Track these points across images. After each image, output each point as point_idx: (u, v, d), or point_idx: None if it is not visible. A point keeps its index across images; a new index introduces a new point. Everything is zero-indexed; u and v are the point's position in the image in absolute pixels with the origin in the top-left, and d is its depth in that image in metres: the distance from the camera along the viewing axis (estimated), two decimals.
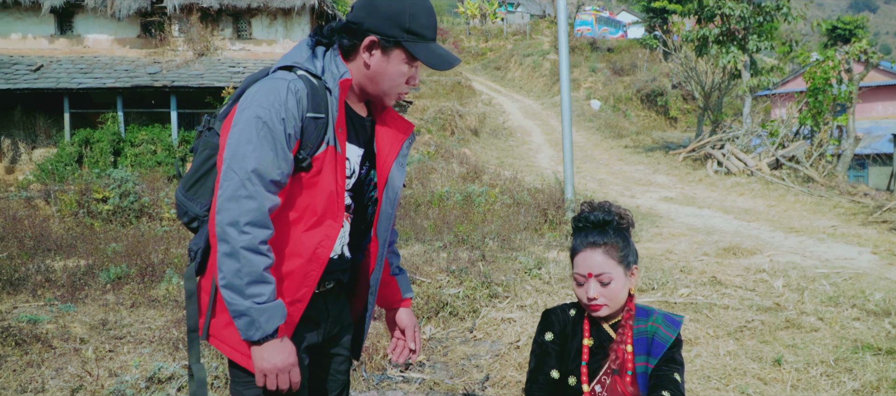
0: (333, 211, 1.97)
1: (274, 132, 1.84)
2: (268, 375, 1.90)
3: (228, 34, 16.83)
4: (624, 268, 2.31)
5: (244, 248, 1.80)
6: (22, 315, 5.55)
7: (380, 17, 1.95)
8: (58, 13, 16.05)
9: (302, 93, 1.89)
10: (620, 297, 2.31)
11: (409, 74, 2.03)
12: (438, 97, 30.04)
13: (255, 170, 1.81)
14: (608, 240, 2.29)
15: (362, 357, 4.94)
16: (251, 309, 1.82)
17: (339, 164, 1.96)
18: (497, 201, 11.06)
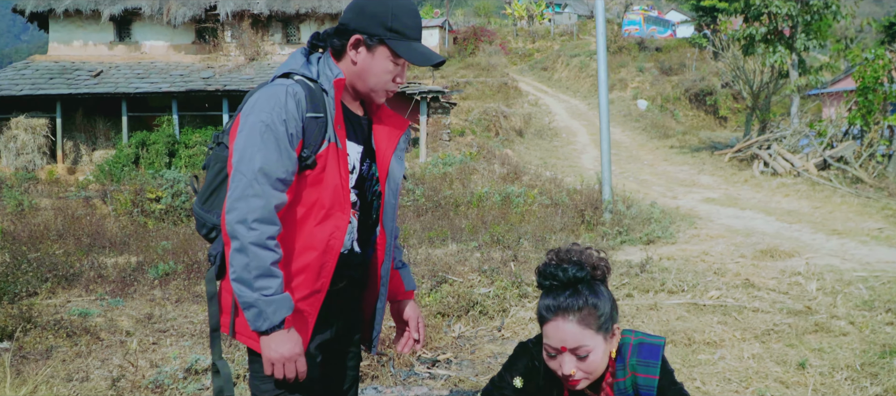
0: (341, 204, 2.10)
1: (277, 133, 1.97)
2: (275, 364, 2.02)
3: (278, 39, 17.26)
4: (603, 335, 2.02)
5: (252, 244, 1.93)
6: (74, 308, 5.89)
7: (365, 17, 2.11)
8: (117, 21, 16.72)
9: (300, 95, 2.03)
10: (601, 367, 2.03)
11: (395, 72, 2.16)
12: (484, 98, 30.16)
13: (261, 170, 1.95)
14: (583, 305, 1.99)
15: (391, 353, 5.12)
16: (259, 301, 1.94)
17: (341, 159, 2.09)
18: (535, 202, 11.14)
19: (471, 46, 43.25)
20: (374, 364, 4.93)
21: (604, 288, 2.05)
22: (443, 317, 5.90)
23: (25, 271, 6.71)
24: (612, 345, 2.06)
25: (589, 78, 39.22)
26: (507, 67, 39.80)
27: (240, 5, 16.63)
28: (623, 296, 6.14)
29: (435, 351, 5.31)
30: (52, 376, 4.47)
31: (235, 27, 16.90)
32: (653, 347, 2.07)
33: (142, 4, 16.39)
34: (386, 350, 5.14)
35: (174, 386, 4.30)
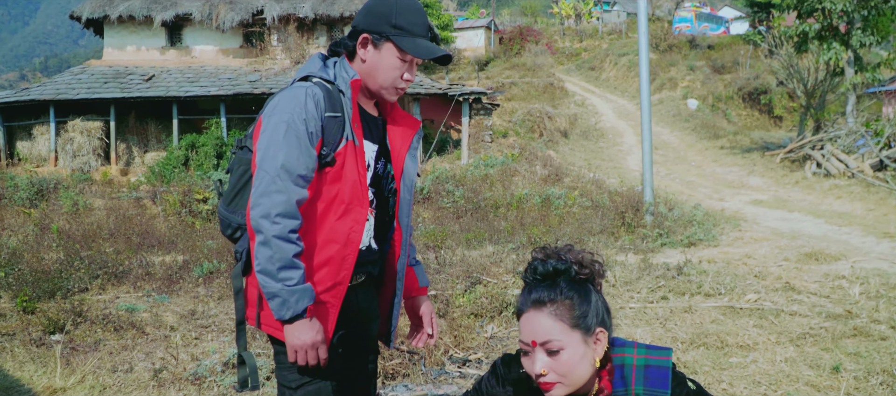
0: (360, 199, 2.19)
1: (298, 132, 2.08)
2: (298, 351, 2.11)
3: (322, 42, 17.52)
4: (581, 334, 1.84)
5: (276, 237, 2.02)
6: (122, 304, 6.12)
7: (371, 16, 2.22)
8: (168, 26, 17.19)
9: (319, 96, 2.13)
10: (578, 372, 1.84)
11: (403, 69, 2.24)
12: (530, 99, 30.05)
13: (283, 167, 2.05)
14: (557, 297, 1.85)
15: (422, 352, 5.19)
16: (282, 291, 2.04)
17: (358, 156, 2.19)
18: (575, 204, 11.10)
19: (517, 46, 43.15)
20: (406, 363, 5.01)
21: (591, 288, 1.90)
22: (476, 318, 5.95)
23: (78, 268, 6.99)
24: (596, 352, 1.87)
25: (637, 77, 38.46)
26: (553, 67, 39.55)
27: (286, 9, 16.93)
28: (658, 299, 6.10)
29: (466, 351, 5.36)
30: (98, 367, 4.66)
31: (281, 31, 17.21)
32: (660, 372, 1.85)
33: (192, 10, 16.82)
34: (418, 349, 5.22)
35: (212, 379, 4.45)
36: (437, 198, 11.89)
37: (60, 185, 13.02)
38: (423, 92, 15.46)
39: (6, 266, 6.77)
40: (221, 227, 2.32)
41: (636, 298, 6.12)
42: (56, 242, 8.32)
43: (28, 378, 4.41)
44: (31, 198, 12.15)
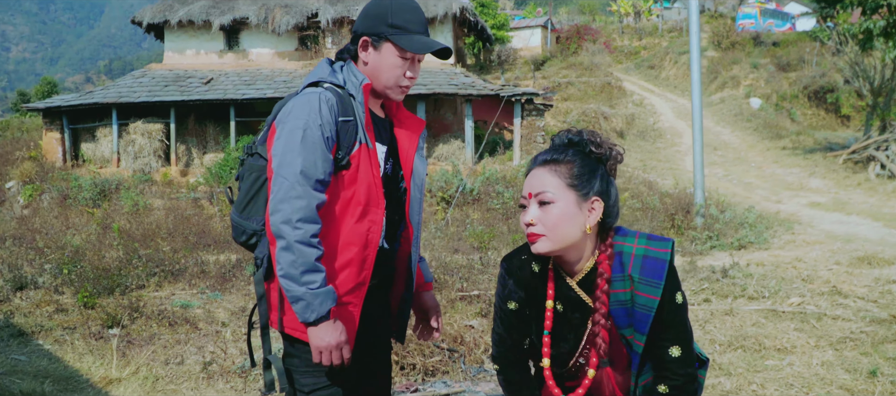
0: (376, 199, 2.24)
1: (314, 138, 2.12)
2: (323, 352, 2.15)
3: None
4: (576, 195, 1.90)
5: (298, 242, 2.06)
6: (177, 300, 6.40)
7: (368, 18, 2.28)
8: (226, 30, 17.69)
9: (332, 101, 2.18)
10: (563, 230, 1.89)
11: (404, 67, 2.29)
12: (586, 98, 29.79)
13: (302, 172, 2.09)
14: (561, 159, 1.93)
15: (462, 350, 5.29)
16: (306, 294, 2.07)
17: (372, 158, 2.23)
18: (624, 205, 11.03)
19: (574, 45, 42.77)
20: (446, 360, 5.10)
21: (602, 168, 1.95)
22: None
23: (136, 266, 7.32)
24: (588, 219, 1.91)
25: None
26: (611, 66, 39.11)
27: (340, 12, 17.24)
28: (700, 301, 6.07)
29: None
30: (152, 359, 4.92)
31: (335, 33, 17.53)
32: (657, 263, 1.88)
33: (249, 14, 17.28)
34: (458, 347, 5.32)
35: (258, 371, 4.64)
36: (486, 198, 11.96)
37: (122, 186, 13.55)
38: (475, 93, 15.54)
39: (69, 263, 7.13)
40: (234, 234, 2.37)
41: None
42: (117, 241, 8.71)
43: (86, 369, 4.68)
44: (94, 199, 12.69)
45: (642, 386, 1.99)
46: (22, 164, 15.68)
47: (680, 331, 1.92)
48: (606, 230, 1.99)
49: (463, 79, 16.48)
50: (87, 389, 4.31)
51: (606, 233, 1.98)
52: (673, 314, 1.90)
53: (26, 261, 7.83)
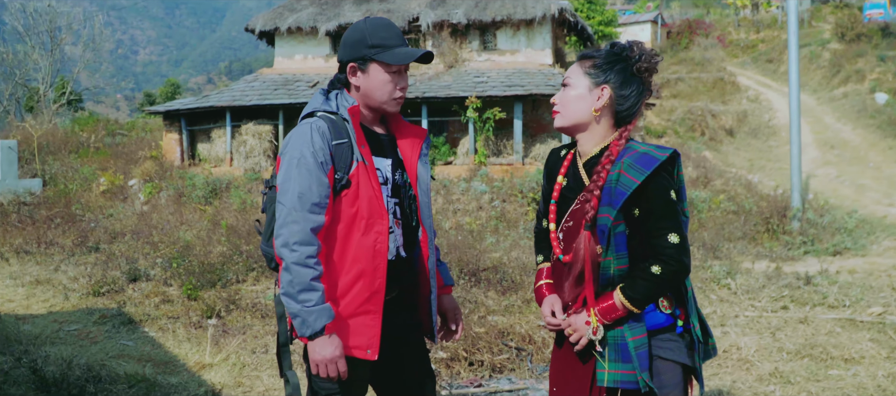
0: (379, 212, 2.39)
1: (308, 164, 2.30)
2: (319, 365, 2.32)
3: (475, 46, 18.06)
4: (589, 81, 2.26)
5: (294, 263, 2.25)
6: (270, 294, 6.89)
7: (349, 46, 2.48)
8: (332, 36, 18.44)
9: (324, 127, 2.37)
10: (572, 108, 2.27)
11: (395, 80, 2.46)
12: (696, 95, 28.93)
13: (299, 197, 2.28)
14: (591, 56, 2.29)
15: (530, 349, 5.47)
16: (302, 312, 2.26)
17: (370, 174, 2.40)
18: (718, 208, 10.80)
19: (685, 40, 41.53)
20: (513, 358, 5.29)
21: (622, 64, 2.25)
22: None
23: (236, 262, 7.89)
24: (595, 102, 2.24)
25: (819, 70, 36.00)
26: (724, 61, 37.70)
27: (440, 16, 17.62)
28: (778, 308, 5.97)
29: None
30: (241, 347, 5.37)
31: (436, 36, 17.92)
32: (651, 158, 2.16)
33: (353, 20, 17.89)
34: (527, 346, 5.50)
35: None
36: None
37: (232, 185, 14.42)
38: None
39: (178, 258, 7.80)
40: (266, 263, 2.55)
41: (755, 307, 6.03)
42: (223, 237, 9.37)
43: (183, 355, 5.19)
44: (206, 196, 13.59)
45: (617, 270, 2.20)
46: (143, 163, 16.96)
47: (676, 221, 2.17)
48: (623, 124, 2.30)
49: (559, 80, 16.51)
50: (183, 373, 4.80)
51: (623, 129, 2.29)
52: (667, 205, 2.16)
53: (142, 255, 8.59)
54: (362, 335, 2.41)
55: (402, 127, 2.66)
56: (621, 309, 2.17)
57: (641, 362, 2.17)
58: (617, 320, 2.19)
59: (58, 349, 5.19)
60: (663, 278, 2.14)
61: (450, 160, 16.54)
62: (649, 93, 2.34)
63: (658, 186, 2.14)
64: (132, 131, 25.14)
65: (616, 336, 2.20)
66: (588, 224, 2.18)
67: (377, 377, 2.65)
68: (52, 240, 10.11)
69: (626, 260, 2.20)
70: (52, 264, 8.81)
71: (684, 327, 2.28)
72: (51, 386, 4.09)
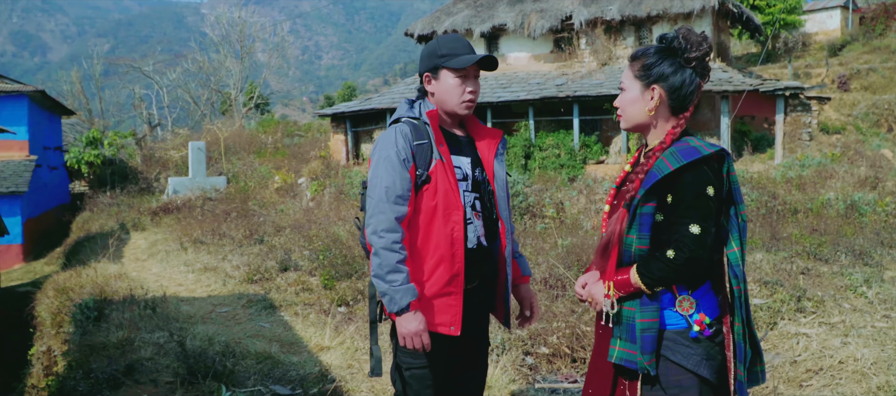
0: (455, 203, 2.67)
1: (392, 162, 2.63)
2: (406, 338, 2.61)
3: (630, 43, 17.74)
4: (641, 84, 2.33)
5: (382, 248, 2.58)
6: None
7: (424, 60, 2.81)
8: (486, 37, 18.87)
9: (406, 130, 2.69)
10: (629, 110, 2.37)
11: (464, 85, 2.75)
12: (890, 87, 26.37)
13: (386, 190, 2.60)
14: (640, 56, 2.36)
15: None
16: (389, 290, 2.57)
17: (448, 170, 2.69)
18: (883, 211, 9.96)
19: (880, 27, 37.92)
20: None
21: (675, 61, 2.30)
22: None
23: None
24: (648, 103, 2.33)
25: None
26: None
27: (593, 13, 17.48)
28: None
29: None
30: (357, 333, 5.81)
31: (589, 34, 17.79)
32: (693, 150, 2.22)
33: (506, 21, 18.24)
34: None
35: None
36: None
37: None
38: (732, 89, 14.88)
39: (324, 250, 8.44)
40: (365, 253, 2.87)
41: (891, 318, 5.62)
42: None
43: (308, 337, 5.70)
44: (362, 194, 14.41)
45: (638, 249, 2.29)
46: (312, 163, 18.25)
47: (703, 214, 2.19)
48: (681, 113, 2.35)
49: (720, 75, 15.83)
50: (304, 353, 5.29)
51: (679, 118, 2.35)
52: (697, 198, 2.19)
53: (297, 247, 9.36)
54: (446, 313, 2.69)
55: (480, 129, 2.94)
56: (634, 285, 2.25)
57: (644, 345, 2.24)
58: (631, 297, 2.29)
59: (206, 327, 5.88)
60: (675, 263, 2.18)
61: (601, 159, 16.40)
62: (707, 77, 2.38)
63: (694, 178, 2.19)
64: (308, 132, 27.02)
65: (628, 316, 2.30)
66: (626, 203, 2.29)
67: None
68: (224, 233, 11.22)
69: (647, 241, 2.27)
70: (221, 254, 9.81)
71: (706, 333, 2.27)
72: (190, 359, 4.70)
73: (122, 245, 12.37)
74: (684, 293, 2.30)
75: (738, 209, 2.34)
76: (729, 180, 2.31)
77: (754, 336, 2.41)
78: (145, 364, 4.85)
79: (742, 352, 2.34)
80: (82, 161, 21.13)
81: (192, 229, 11.66)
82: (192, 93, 40.18)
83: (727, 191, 2.31)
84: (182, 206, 15.29)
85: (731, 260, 2.33)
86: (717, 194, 2.24)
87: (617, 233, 2.33)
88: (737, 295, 2.33)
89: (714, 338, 2.32)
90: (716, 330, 2.32)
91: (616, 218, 2.34)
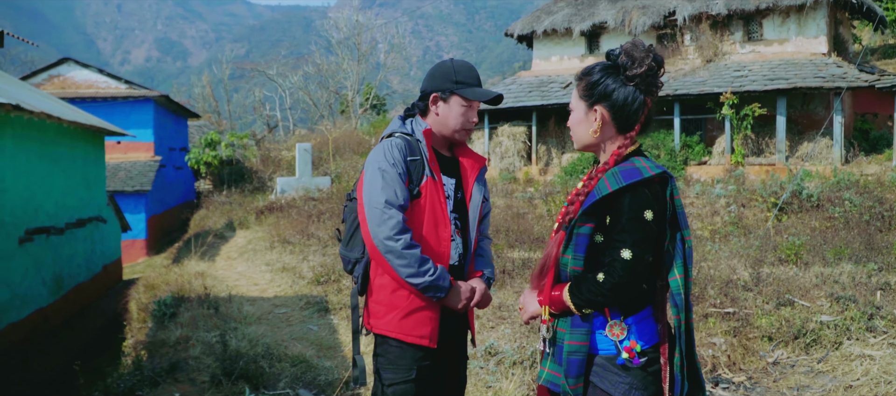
0: (443, 220, 2.75)
1: (390, 173, 2.67)
2: (460, 305, 2.73)
3: (738, 38, 16.88)
4: (585, 105, 2.29)
5: (404, 248, 2.59)
6: None
7: (436, 79, 2.84)
8: (586, 36, 18.51)
9: (401, 144, 2.75)
10: (578, 131, 2.32)
11: (469, 113, 2.83)
12: None
13: (386, 200, 2.63)
14: (584, 76, 2.31)
15: None
16: (431, 283, 2.62)
17: (438, 187, 2.76)
18: None
19: None
20: None
21: (613, 76, 2.24)
22: (769, 341, 5.68)
23: None
24: (592, 124, 2.27)
25: None
26: None
27: (698, 8, 16.74)
28: None
29: (736, 373, 5.26)
30: None
31: (694, 30, 17.07)
32: (635, 172, 2.15)
33: (607, 18, 17.80)
34: None
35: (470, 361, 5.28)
36: (827, 206, 10.77)
37: None
38: (845, 85, 13.87)
39: None
40: (343, 265, 2.91)
41: None
42: None
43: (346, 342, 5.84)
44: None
45: (573, 270, 2.23)
46: None
47: (637, 239, 2.12)
48: (627, 131, 2.27)
49: (834, 71, 14.80)
50: (338, 357, 5.43)
51: (625, 137, 2.28)
52: (632, 221, 2.12)
53: None
54: (425, 326, 2.73)
55: (466, 152, 2.98)
56: (566, 304, 2.20)
57: (570, 368, 2.19)
58: (563, 316, 2.24)
59: (256, 328, 6.15)
60: (603, 287, 2.13)
61: (704, 160, 15.71)
62: (654, 93, 2.28)
63: (632, 200, 2.13)
64: None
65: (559, 337, 2.25)
66: (565, 225, 2.26)
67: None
68: (312, 233, 11.63)
69: (582, 263, 2.22)
70: (303, 254, 10.19)
71: (635, 362, 2.18)
72: (227, 360, 4.94)
73: (222, 243, 13.09)
74: (617, 318, 2.22)
75: (683, 234, 2.23)
76: (672, 204, 2.21)
77: (696, 370, 2.30)
78: (190, 363, 5.14)
79: (679, 386, 2.24)
80: (201, 161, 22.46)
81: (284, 229, 12.14)
82: (311, 95, 41.73)
83: (672, 216, 2.21)
84: (285, 206, 15.93)
85: (673, 289, 2.23)
86: (657, 218, 2.15)
87: (553, 257, 2.28)
88: (676, 324, 2.22)
89: (647, 368, 2.22)
90: (650, 358, 2.23)
91: (554, 240, 2.30)
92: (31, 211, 8.89)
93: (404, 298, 2.71)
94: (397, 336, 2.72)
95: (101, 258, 12.49)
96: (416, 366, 2.74)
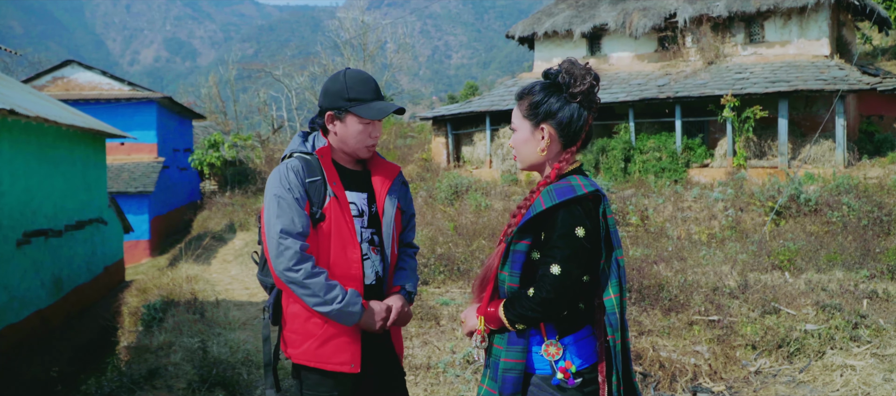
0: (351, 241, 2.62)
1: (285, 199, 2.55)
2: (377, 327, 2.60)
3: (740, 40, 16.79)
4: (530, 124, 2.29)
5: (305, 278, 2.50)
6: (441, 298, 7.33)
7: (329, 96, 2.68)
8: (587, 37, 18.45)
9: (298, 166, 2.62)
10: (523, 151, 2.31)
11: (368, 130, 2.67)
12: None
13: (282, 229, 2.52)
14: (525, 95, 2.30)
15: (658, 375, 5.23)
16: (339, 311, 2.51)
17: (343, 207, 2.63)
18: None
19: None
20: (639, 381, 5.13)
21: (556, 95, 2.25)
22: (752, 350, 5.65)
23: (432, 264, 8.48)
24: (539, 142, 2.27)
25: None
26: None
27: (699, 10, 16.66)
28: None
29: (716, 382, 5.23)
30: None
31: (695, 32, 16.99)
32: (569, 190, 2.16)
33: (608, 20, 17.73)
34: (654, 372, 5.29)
35: (447, 371, 5.28)
36: (825, 210, 10.70)
37: (472, 188, 15.18)
38: (846, 87, 13.77)
39: None
40: (264, 289, 2.79)
41: None
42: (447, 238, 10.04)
43: None
44: (448, 198, 14.51)
45: (509, 286, 2.23)
46: (412, 165, 18.54)
47: (566, 255, 2.12)
48: (570, 146, 2.29)
49: (835, 73, 14.69)
50: None
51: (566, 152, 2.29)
52: (563, 238, 2.13)
53: None
54: (346, 352, 2.63)
55: (378, 163, 2.87)
56: (501, 319, 2.20)
57: (505, 386, 2.19)
58: (501, 332, 2.23)
59: (239, 334, 6.16)
60: (532, 302, 2.12)
61: (706, 162, 15.62)
62: (594, 109, 2.30)
63: (564, 217, 2.14)
64: (421, 133, 27.47)
65: (496, 354, 2.25)
66: (508, 238, 2.25)
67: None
68: None
69: (517, 279, 2.21)
70: None
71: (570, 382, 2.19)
72: (205, 366, 4.95)
73: (220, 245, 13.14)
74: (552, 337, 2.22)
75: (616, 254, 2.24)
76: (606, 222, 2.22)
77: (633, 390, 2.30)
78: (169, 370, 5.16)
79: None
80: (204, 162, 22.54)
81: None
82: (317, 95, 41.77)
83: (605, 234, 2.21)
84: None
85: (607, 308, 2.24)
86: (590, 235, 2.16)
87: (493, 269, 2.28)
88: (611, 344, 2.23)
89: (584, 388, 2.22)
90: (586, 379, 2.23)
91: (495, 252, 2.30)
92: (29, 214, 8.95)
93: (319, 326, 2.61)
94: (316, 365, 2.62)
95: (103, 259, 12.56)
96: (337, 394, 2.65)
